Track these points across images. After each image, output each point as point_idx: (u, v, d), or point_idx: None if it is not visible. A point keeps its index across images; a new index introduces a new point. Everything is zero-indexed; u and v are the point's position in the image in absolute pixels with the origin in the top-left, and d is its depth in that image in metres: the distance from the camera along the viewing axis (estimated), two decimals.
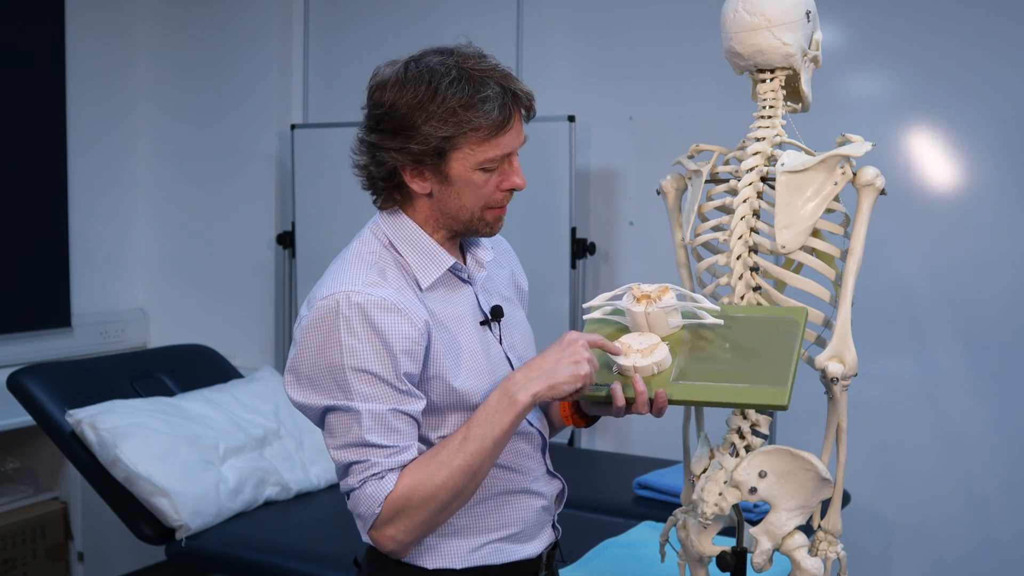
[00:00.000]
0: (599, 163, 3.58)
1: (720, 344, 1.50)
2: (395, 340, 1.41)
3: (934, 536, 3.14)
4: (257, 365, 3.74)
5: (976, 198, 3.07)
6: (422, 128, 1.43)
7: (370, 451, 1.41)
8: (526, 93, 1.49)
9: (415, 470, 1.42)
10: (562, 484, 1.67)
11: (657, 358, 1.47)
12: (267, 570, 2.61)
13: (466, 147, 1.45)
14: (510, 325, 1.62)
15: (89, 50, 3.94)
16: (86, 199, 3.97)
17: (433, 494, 1.42)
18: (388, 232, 1.53)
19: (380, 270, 1.48)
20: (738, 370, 1.45)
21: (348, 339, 1.40)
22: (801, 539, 1.56)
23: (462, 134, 1.43)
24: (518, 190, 1.52)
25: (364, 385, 1.41)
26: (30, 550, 3.52)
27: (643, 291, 1.51)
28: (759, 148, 1.64)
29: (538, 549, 1.60)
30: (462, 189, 1.48)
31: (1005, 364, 3.04)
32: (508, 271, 1.71)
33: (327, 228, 3.81)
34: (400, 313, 1.42)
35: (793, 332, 1.48)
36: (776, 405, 1.40)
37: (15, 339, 3.69)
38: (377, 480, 1.41)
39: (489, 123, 1.44)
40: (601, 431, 3.60)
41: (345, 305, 1.41)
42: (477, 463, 1.42)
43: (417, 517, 1.43)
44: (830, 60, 2.04)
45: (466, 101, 1.42)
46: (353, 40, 3.97)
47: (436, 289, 1.53)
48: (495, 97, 1.44)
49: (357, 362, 1.40)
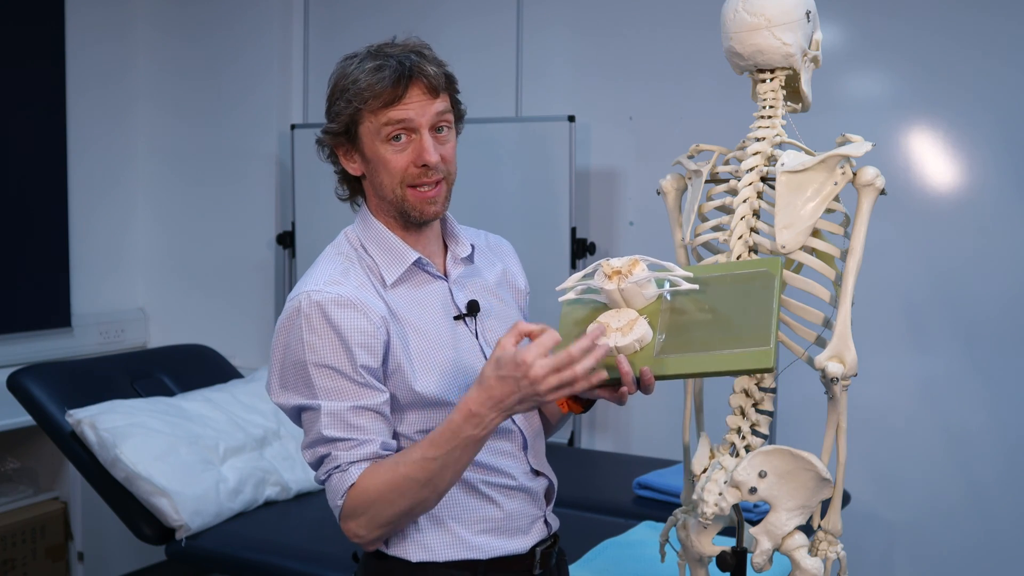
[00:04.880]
0: (599, 163, 3.58)
1: (698, 310, 1.46)
2: (350, 334, 1.46)
3: (934, 536, 3.14)
4: (257, 365, 3.74)
5: (976, 198, 3.07)
6: (333, 108, 1.54)
7: (331, 445, 1.47)
8: (433, 69, 1.51)
9: (378, 472, 1.45)
10: (548, 481, 1.66)
11: (637, 334, 1.44)
12: (267, 570, 2.61)
13: (367, 120, 1.51)
14: (491, 320, 1.63)
15: (89, 50, 3.94)
16: (86, 199, 3.97)
17: (391, 500, 1.44)
18: (360, 234, 1.59)
19: (344, 270, 1.53)
20: (719, 336, 1.42)
21: (309, 336, 1.46)
22: (801, 539, 1.56)
23: (359, 108, 1.50)
24: (430, 166, 1.52)
25: (325, 380, 1.46)
26: (30, 550, 3.52)
27: (613, 267, 1.48)
28: (759, 148, 1.64)
29: (527, 544, 1.60)
30: (378, 166, 1.54)
31: (1005, 364, 3.04)
32: (500, 268, 1.71)
33: (327, 228, 3.76)
34: (355, 308, 1.47)
35: (769, 286, 1.45)
36: (762, 368, 1.37)
37: (15, 339, 3.69)
38: (340, 473, 1.46)
39: (381, 93, 1.49)
40: (601, 431, 3.60)
41: (306, 304, 1.47)
42: (436, 479, 1.43)
43: (374, 516, 1.46)
44: (830, 60, 2.03)
45: (363, 77, 1.50)
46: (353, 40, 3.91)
47: (401, 285, 1.56)
48: (389, 68, 1.49)
49: (317, 358, 1.46)
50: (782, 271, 1.48)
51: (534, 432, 1.64)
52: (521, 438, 1.61)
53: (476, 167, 3.43)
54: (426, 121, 1.51)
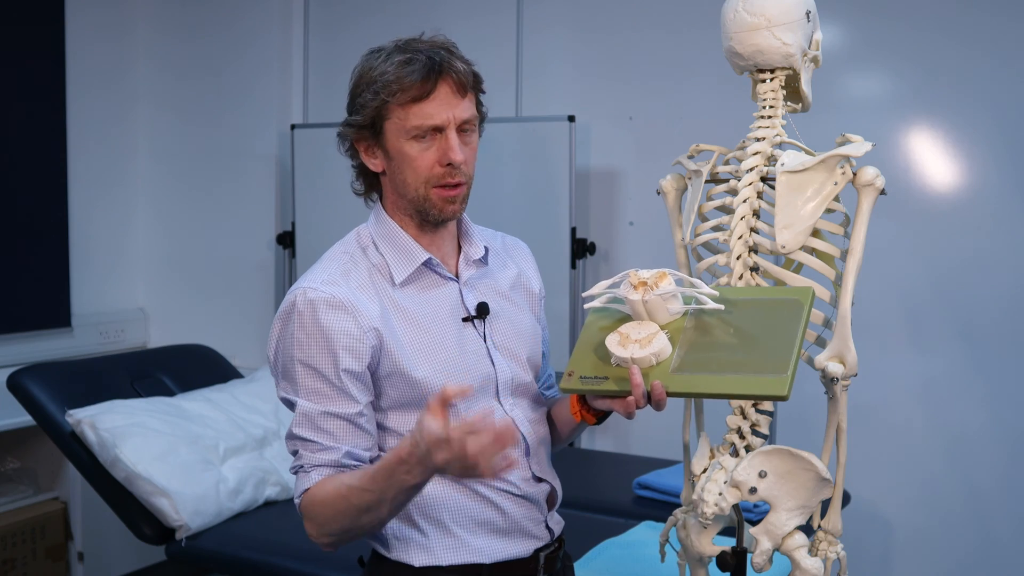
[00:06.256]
0: (599, 163, 3.58)
1: (721, 331, 1.45)
2: (337, 336, 1.45)
3: (934, 536, 3.14)
4: (257, 365, 3.74)
5: (976, 198, 3.07)
6: (358, 101, 1.52)
7: (300, 444, 1.49)
8: (462, 67, 1.50)
9: (328, 485, 1.44)
10: (551, 487, 1.64)
11: (655, 348, 1.43)
12: (267, 570, 2.61)
13: (394, 116, 1.50)
14: (501, 323, 1.62)
15: (89, 50, 3.94)
16: (86, 199, 3.97)
17: (334, 517, 1.44)
18: (373, 232, 1.58)
19: (345, 270, 1.52)
20: (739, 358, 1.41)
21: (299, 333, 1.47)
22: (801, 539, 1.56)
23: (386, 103, 1.48)
24: (456, 165, 1.52)
25: (308, 379, 1.47)
26: (30, 550, 3.52)
27: (640, 278, 1.48)
28: (759, 148, 1.64)
29: (529, 548, 1.59)
30: (402, 163, 1.52)
31: (1005, 364, 3.04)
32: (514, 271, 1.70)
33: (327, 228, 3.79)
34: (346, 311, 1.46)
35: (797, 315, 1.43)
36: (775, 396, 1.36)
37: (15, 339, 3.69)
38: (303, 474, 1.49)
39: (410, 87, 1.47)
40: (601, 431, 3.60)
41: (301, 301, 1.48)
42: (375, 507, 1.40)
43: (324, 527, 1.46)
44: (830, 60, 2.03)
45: (391, 70, 1.48)
46: (353, 40, 3.97)
47: (410, 285, 1.55)
48: (418, 63, 1.47)
49: (303, 355, 1.47)
50: (812, 301, 1.47)
51: (538, 440, 1.64)
52: (524, 445, 1.60)
53: (476, 167, 3.43)
54: (453, 119, 1.50)
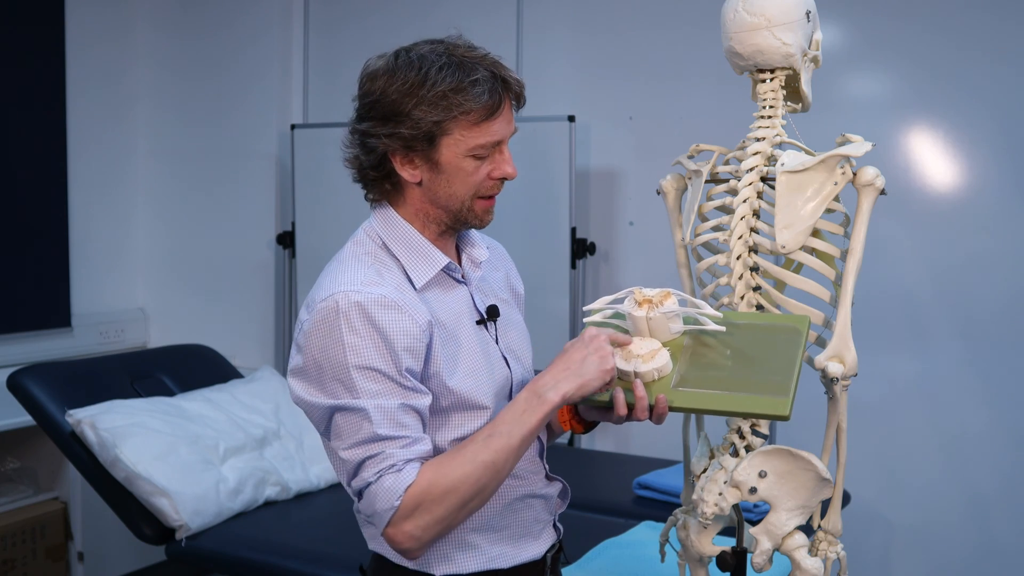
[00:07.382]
0: (599, 163, 3.58)
1: (722, 351, 1.48)
2: (396, 337, 1.41)
3: (934, 536, 3.14)
4: (257, 365, 3.74)
5: (976, 198, 3.07)
6: (412, 113, 1.43)
7: (384, 444, 1.39)
8: (516, 81, 1.49)
9: (437, 463, 1.41)
10: (562, 484, 1.67)
11: (658, 364, 1.45)
12: (267, 570, 2.61)
13: (456, 132, 1.45)
14: (506, 325, 1.62)
15: (89, 50, 3.94)
16: (86, 199, 3.97)
17: (454, 487, 1.39)
18: (381, 232, 1.53)
19: (377, 270, 1.47)
20: (739, 378, 1.44)
21: (350, 338, 1.40)
22: (801, 539, 1.56)
23: (452, 118, 1.43)
24: (509, 179, 1.51)
25: (369, 382, 1.40)
26: (30, 550, 3.52)
27: (645, 295, 1.50)
28: (759, 148, 1.64)
29: (542, 550, 1.61)
30: (452, 177, 1.48)
31: (1005, 364, 3.04)
32: (503, 274, 1.71)
33: (327, 228, 3.81)
34: (400, 310, 1.42)
35: (796, 340, 1.47)
36: (777, 415, 1.39)
37: (15, 339, 3.69)
38: (395, 473, 1.39)
39: (480, 107, 1.43)
40: (601, 432, 3.60)
41: (345, 304, 1.40)
42: (502, 460, 1.41)
43: (437, 512, 1.39)
44: (830, 60, 2.03)
45: (456, 85, 1.43)
46: (353, 40, 3.97)
47: (431, 289, 1.52)
48: (485, 81, 1.44)
49: (361, 360, 1.40)
50: (809, 329, 1.50)
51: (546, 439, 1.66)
52: (539, 445, 1.61)
53: None
54: (508, 135, 1.50)
